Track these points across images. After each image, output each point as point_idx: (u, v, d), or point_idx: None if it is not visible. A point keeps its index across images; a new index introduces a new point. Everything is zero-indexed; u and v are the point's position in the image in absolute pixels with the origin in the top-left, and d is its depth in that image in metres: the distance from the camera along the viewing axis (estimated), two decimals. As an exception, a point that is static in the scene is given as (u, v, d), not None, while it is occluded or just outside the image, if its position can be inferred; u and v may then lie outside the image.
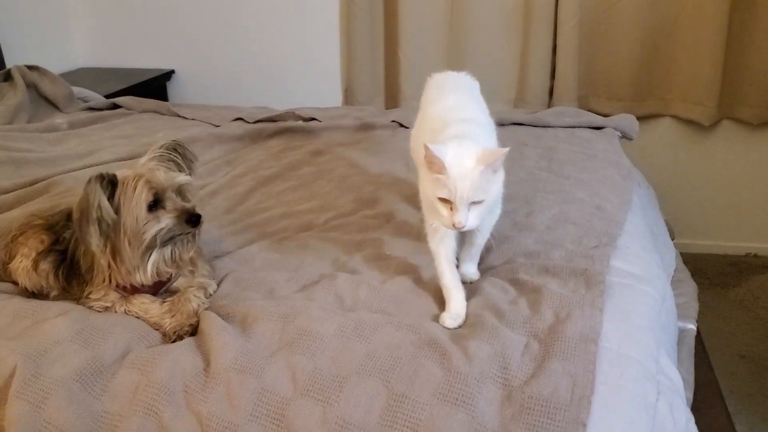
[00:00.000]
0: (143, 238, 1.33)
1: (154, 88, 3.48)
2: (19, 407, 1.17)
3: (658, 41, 3.00)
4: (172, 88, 3.62)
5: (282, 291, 1.44)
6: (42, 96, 2.84)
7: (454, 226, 1.25)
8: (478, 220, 1.27)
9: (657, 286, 1.49)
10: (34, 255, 1.45)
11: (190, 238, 1.40)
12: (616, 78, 3.10)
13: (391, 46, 3.24)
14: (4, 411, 1.19)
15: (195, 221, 1.36)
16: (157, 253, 1.36)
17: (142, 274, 1.37)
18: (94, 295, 1.42)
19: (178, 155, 1.43)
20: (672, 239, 2.35)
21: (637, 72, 3.07)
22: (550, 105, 3.13)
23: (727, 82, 2.96)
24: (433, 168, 1.25)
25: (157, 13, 3.50)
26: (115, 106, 2.90)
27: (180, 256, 1.40)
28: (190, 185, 1.42)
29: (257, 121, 2.63)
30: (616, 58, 3.06)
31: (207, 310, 1.39)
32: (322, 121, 2.57)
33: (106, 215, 1.30)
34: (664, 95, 3.10)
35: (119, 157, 2.24)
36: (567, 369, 1.15)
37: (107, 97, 3.05)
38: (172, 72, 3.59)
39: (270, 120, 2.64)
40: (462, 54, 3.17)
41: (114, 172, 1.35)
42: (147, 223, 1.33)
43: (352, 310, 1.34)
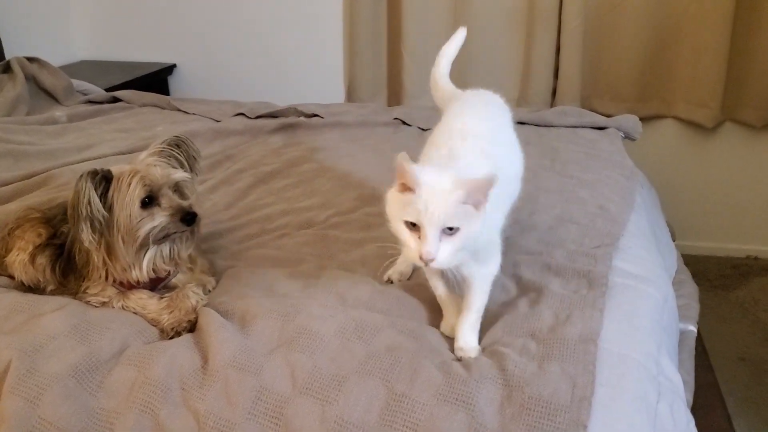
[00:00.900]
0: (137, 236, 1.32)
1: (156, 82, 3.46)
2: (13, 403, 1.16)
3: (661, 42, 2.99)
4: (174, 82, 3.61)
5: (282, 288, 1.43)
6: (41, 88, 2.83)
7: (421, 258, 1.07)
8: (451, 257, 1.08)
9: (659, 286, 1.47)
10: (31, 249, 1.44)
11: (188, 236, 1.39)
12: (620, 79, 3.08)
13: (395, 43, 3.22)
14: (-1, 407, 1.18)
15: (190, 220, 1.34)
16: (153, 251, 1.35)
17: (138, 272, 1.35)
18: (91, 290, 1.41)
19: (180, 151, 1.42)
20: (673, 240, 2.34)
21: (641, 73, 3.06)
22: (553, 105, 3.12)
23: (730, 83, 2.95)
24: (404, 184, 1.10)
25: (160, 6, 3.49)
26: (115, 100, 2.88)
27: (178, 253, 1.39)
28: (189, 182, 1.40)
29: (258, 116, 2.62)
30: (620, 58, 3.05)
31: (206, 306, 1.38)
32: (323, 117, 2.55)
33: (96, 212, 1.29)
34: (667, 96, 3.08)
35: (118, 150, 2.23)
36: (566, 370, 1.14)
37: (108, 90, 3.04)
38: (174, 66, 3.57)
39: (271, 116, 2.63)
40: (465, 52, 3.05)
41: (109, 168, 1.34)
42: (141, 220, 1.32)
43: (354, 308, 1.33)
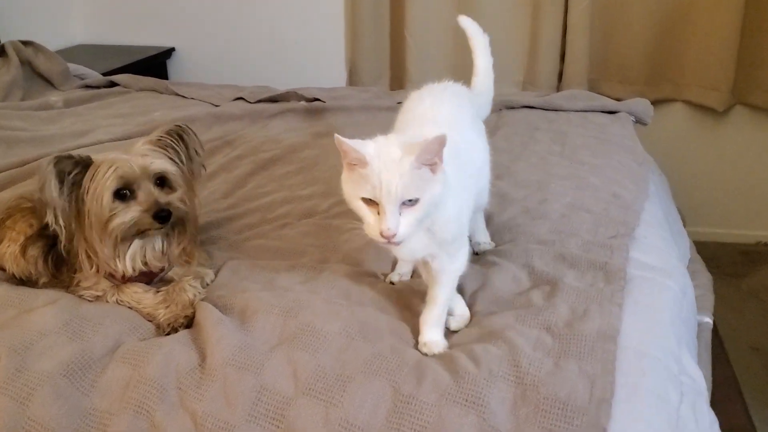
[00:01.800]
0: (109, 229, 1.26)
1: (154, 65, 3.39)
2: (1, 403, 1.10)
3: (672, 24, 2.91)
4: (173, 66, 3.54)
5: (283, 282, 1.36)
6: (37, 73, 2.76)
7: (382, 235, 1.01)
8: (413, 228, 1.03)
9: (677, 278, 1.41)
10: (22, 240, 1.37)
11: (177, 232, 1.33)
12: (628, 61, 3.01)
13: (398, 25, 3.15)
14: (-14, 407, 1.12)
15: (164, 217, 1.27)
16: (136, 245, 1.29)
17: (122, 266, 1.29)
18: (84, 284, 1.35)
19: (179, 141, 1.35)
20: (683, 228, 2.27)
21: (650, 55, 2.99)
22: (559, 88, 3.05)
23: (741, 66, 2.87)
24: (352, 164, 1.04)
25: (157, -12, 3.40)
26: (112, 84, 2.82)
27: (166, 250, 1.33)
28: (176, 174, 1.33)
29: (258, 101, 2.55)
30: (629, 40, 2.97)
31: (203, 300, 1.32)
32: (325, 101, 2.48)
33: (53, 199, 1.23)
34: (677, 79, 3.01)
35: (114, 137, 2.17)
36: (584, 369, 1.08)
37: (105, 75, 2.97)
38: (173, 50, 3.50)
39: (271, 100, 2.56)
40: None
41: (90, 155, 1.28)
42: (113, 213, 1.26)
43: (359, 305, 1.27)
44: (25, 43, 2.78)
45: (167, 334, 1.25)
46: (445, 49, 3.12)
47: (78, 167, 1.27)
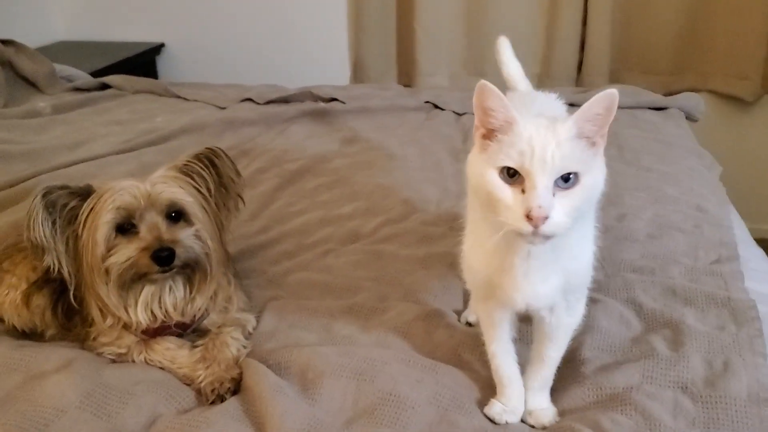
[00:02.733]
0: (107, 271, 1.04)
1: (142, 63, 3.13)
2: None
3: (698, 10, 2.73)
4: (163, 63, 3.28)
5: (342, 329, 1.14)
6: (20, 76, 2.48)
7: (529, 217, 0.75)
8: (569, 219, 0.77)
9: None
10: (24, 286, 1.14)
11: (200, 275, 1.10)
12: (652, 50, 2.83)
13: (406, 16, 2.94)
14: None
15: (163, 259, 1.04)
16: (147, 291, 1.07)
17: (135, 317, 1.07)
18: (103, 339, 1.12)
19: (210, 167, 1.12)
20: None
21: (675, 43, 2.81)
22: (578, 80, 2.88)
23: (773, 54, 2.68)
24: (491, 130, 0.80)
25: (145, -22, 3.14)
26: (104, 87, 2.55)
27: (189, 296, 1.10)
28: (195, 205, 1.09)
29: (269, 101, 2.31)
30: (652, 28, 2.79)
31: (250, 357, 1.09)
32: (345, 102, 2.25)
33: (42, 239, 1.02)
34: (704, 69, 2.83)
35: (115, 149, 1.92)
36: (739, 443, 0.87)
37: (92, 75, 2.71)
38: (162, 45, 3.24)
39: (284, 101, 2.32)
40: (483, 25, 2.89)
41: (91, 184, 1.07)
42: (109, 252, 1.04)
43: (442, 360, 1.05)
44: (4, 42, 2.50)
45: (212, 403, 1.02)
46: (458, 42, 2.95)
47: (74, 199, 1.05)
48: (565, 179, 0.77)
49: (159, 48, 3.22)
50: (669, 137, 1.92)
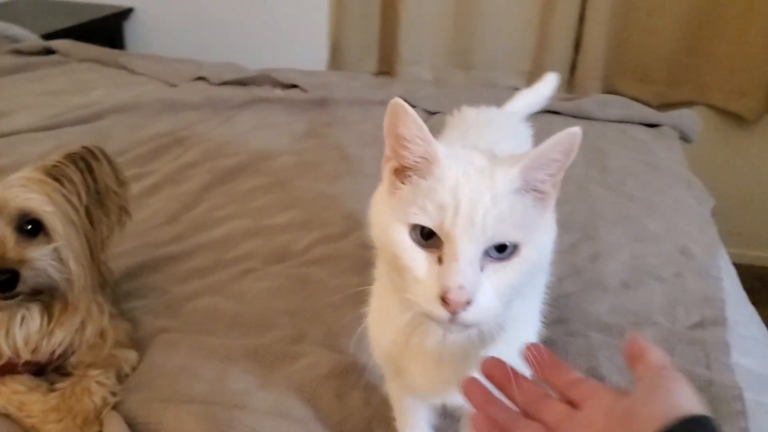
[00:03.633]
0: None
1: (108, 28, 2.89)
2: None
3: (701, 18, 2.53)
4: (130, 30, 3.04)
5: (236, 379, 0.93)
6: (-45, 32, 2.26)
7: (444, 298, 0.54)
8: (499, 302, 0.56)
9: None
10: None
11: (60, 305, 0.89)
12: (649, 57, 2.63)
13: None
14: None
15: (3, 285, 0.82)
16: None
17: None
18: (-58, 371, 0.90)
19: (86, 172, 0.91)
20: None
21: (674, 52, 2.61)
22: (571, 82, 2.67)
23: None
24: (405, 167, 0.60)
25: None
26: (49, 52, 2.32)
27: (46, 328, 0.88)
28: (54, 215, 0.87)
29: (223, 82, 2.09)
30: (651, 33, 2.59)
31: (115, 409, 0.88)
32: (306, 90, 2.03)
33: None
34: (702, 81, 2.64)
35: (37, 125, 1.70)
36: None
37: (46, 37, 2.47)
38: (131, 10, 2.99)
39: (239, 83, 2.10)
40: (472, 14, 2.69)
41: None
42: None
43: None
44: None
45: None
46: (444, 30, 2.74)
47: None
48: (500, 249, 0.56)
49: (127, 13, 2.97)
50: (658, 160, 1.71)
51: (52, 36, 2.50)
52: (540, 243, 0.58)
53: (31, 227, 0.86)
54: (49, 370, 0.94)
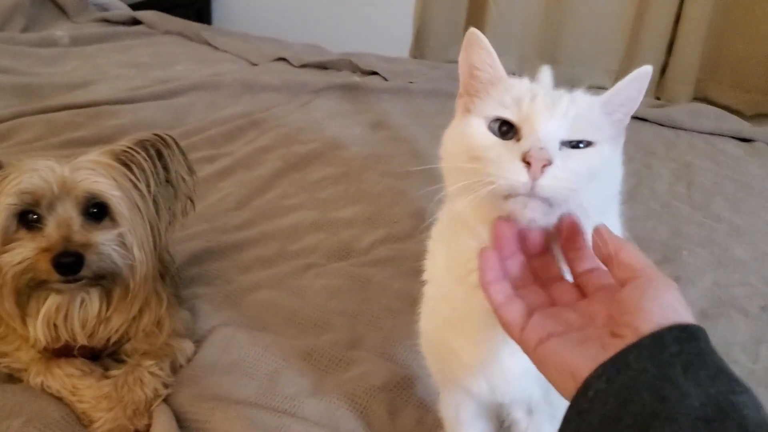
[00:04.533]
0: (2, 271, 0.81)
1: (196, 1, 2.93)
2: None
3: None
4: (218, 4, 3.06)
5: (289, 383, 0.91)
6: (48, -2, 2.30)
7: (526, 159, 0.52)
8: (573, 183, 0.53)
9: None
10: None
11: (120, 291, 0.87)
12: (747, 63, 2.49)
13: (481, -15, 2.66)
14: None
15: (66, 267, 0.81)
16: (52, 302, 0.85)
17: (32, 330, 0.85)
18: (2, 347, 0.91)
19: (156, 158, 0.90)
20: None
21: (773, 60, 2.44)
22: (660, 85, 2.56)
23: None
24: (476, 92, 0.60)
25: None
26: (136, 22, 2.35)
27: (104, 313, 0.88)
28: (121, 200, 0.86)
29: (304, 65, 2.07)
30: (752, 38, 2.45)
31: (169, 399, 0.88)
32: (386, 78, 1.99)
33: None
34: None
35: (117, 97, 1.72)
36: None
37: (135, 7, 2.50)
38: (220, -17, 3.01)
39: (320, 66, 2.08)
40: (563, 8, 2.61)
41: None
42: (6, 247, 0.82)
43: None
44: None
45: (103, 461, 0.81)
46: (533, 22, 2.67)
47: None
48: (574, 146, 0.56)
49: (216, -14, 2.99)
50: (750, 178, 1.61)
51: (141, 6, 2.53)
52: (605, 154, 0.57)
53: (96, 211, 0.85)
54: (103, 355, 0.94)
